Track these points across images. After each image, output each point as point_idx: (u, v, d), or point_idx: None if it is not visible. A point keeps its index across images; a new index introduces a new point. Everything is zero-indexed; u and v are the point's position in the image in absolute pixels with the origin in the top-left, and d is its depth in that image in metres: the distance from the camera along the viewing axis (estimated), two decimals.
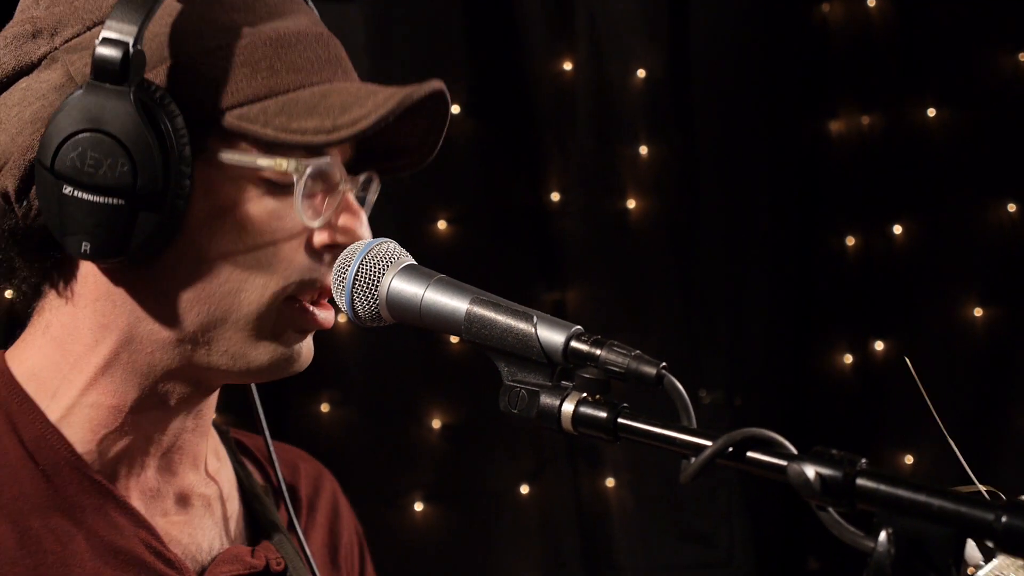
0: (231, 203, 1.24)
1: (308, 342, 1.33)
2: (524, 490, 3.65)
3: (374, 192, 1.38)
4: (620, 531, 3.71)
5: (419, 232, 3.55)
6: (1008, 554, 0.86)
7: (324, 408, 3.51)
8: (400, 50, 3.49)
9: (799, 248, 3.88)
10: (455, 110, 3.60)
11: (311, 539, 1.51)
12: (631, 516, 3.71)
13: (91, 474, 1.28)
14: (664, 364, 1.07)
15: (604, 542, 3.71)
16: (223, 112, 1.22)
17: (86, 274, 1.28)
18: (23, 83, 1.26)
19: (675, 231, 3.80)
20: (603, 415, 1.07)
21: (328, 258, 1.29)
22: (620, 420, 1.06)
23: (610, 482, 3.70)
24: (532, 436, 3.65)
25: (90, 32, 1.23)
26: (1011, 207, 3.67)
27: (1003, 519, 0.86)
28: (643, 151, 3.77)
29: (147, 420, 1.31)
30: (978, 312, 3.68)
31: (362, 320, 1.24)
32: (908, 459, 3.70)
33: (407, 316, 1.21)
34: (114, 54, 1.16)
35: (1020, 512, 0.86)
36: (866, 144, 3.81)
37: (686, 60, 3.81)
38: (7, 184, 1.25)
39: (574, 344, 1.11)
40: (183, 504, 1.37)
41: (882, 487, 0.91)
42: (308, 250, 1.28)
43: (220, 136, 1.23)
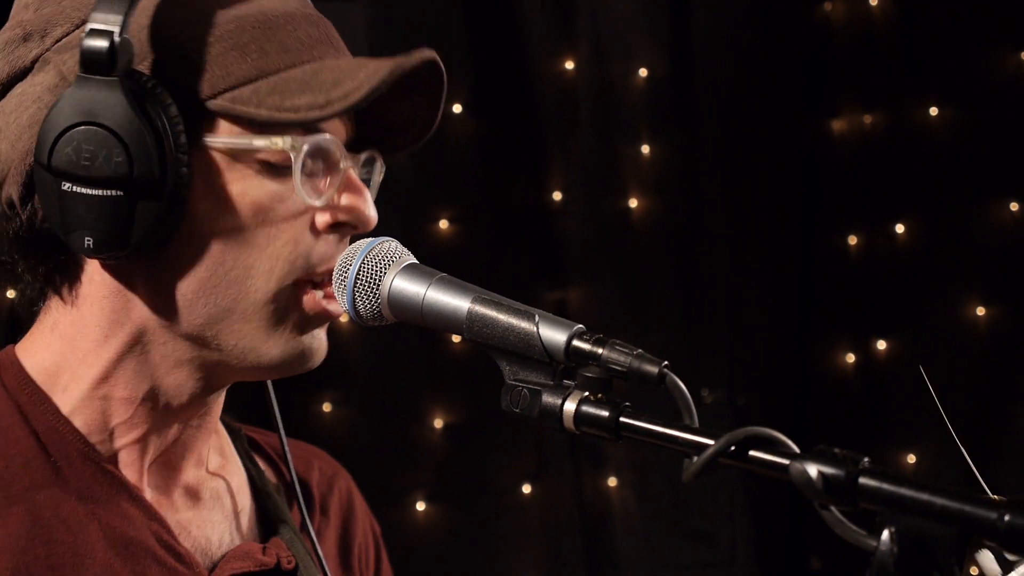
0: (232, 189, 1.24)
1: (322, 337, 1.32)
2: (526, 489, 3.65)
3: (379, 173, 1.38)
4: (622, 530, 3.71)
5: (421, 231, 3.55)
6: (1011, 553, 0.86)
7: (326, 408, 3.51)
8: (401, 50, 3.47)
9: (801, 247, 3.87)
10: (457, 109, 3.60)
11: (323, 538, 1.50)
12: (633, 515, 3.71)
13: (104, 464, 1.28)
14: (666, 363, 1.06)
15: (606, 541, 3.71)
16: (215, 97, 1.22)
17: (92, 273, 1.28)
18: (18, 88, 1.26)
19: (677, 230, 3.80)
20: (605, 414, 1.07)
21: (334, 239, 1.29)
22: (622, 419, 1.06)
23: (612, 481, 3.70)
24: (534, 435, 3.65)
25: (79, 30, 1.22)
26: (1013, 206, 3.66)
27: (1006, 518, 0.86)
28: (645, 150, 3.77)
29: (157, 414, 1.31)
30: (980, 311, 3.67)
31: (364, 319, 1.24)
32: (911, 458, 3.70)
33: (409, 315, 1.21)
34: (101, 44, 1.16)
35: (1023, 511, 0.86)
36: (868, 143, 3.81)
37: (688, 59, 3.81)
38: (11, 192, 1.25)
39: (576, 343, 1.11)
40: (190, 499, 1.37)
41: (885, 486, 0.91)
42: (313, 231, 1.27)
43: (215, 121, 1.23)
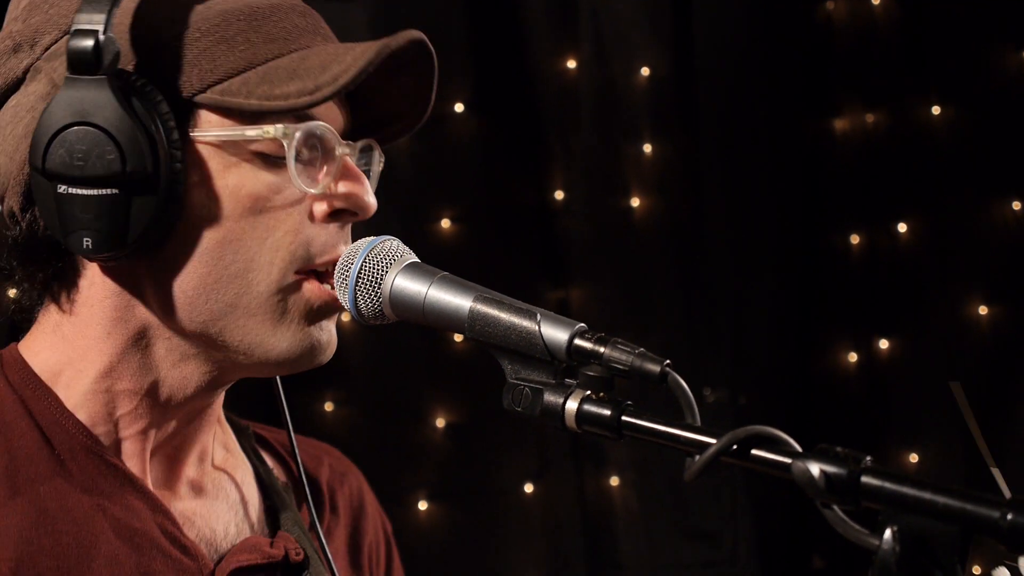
0: (227, 182, 1.24)
1: (331, 330, 1.32)
2: (528, 489, 3.65)
3: (378, 163, 1.38)
4: (624, 530, 3.70)
5: (423, 231, 3.55)
6: (1013, 551, 0.86)
7: (328, 407, 3.51)
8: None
9: (803, 246, 3.87)
10: (458, 108, 3.59)
11: (333, 535, 1.50)
12: (635, 515, 3.71)
13: (108, 457, 1.28)
14: (668, 361, 1.06)
15: (608, 541, 3.71)
16: (205, 90, 1.22)
17: (92, 277, 1.28)
18: (13, 100, 1.26)
19: (679, 229, 3.80)
20: (607, 413, 1.07)
21: (334, 227, 1.29)
22: (624, 418, 1.06)
23: (614, 481, 3.70)
24: (536, 435, 3.64)
25: (66, 36, 1.22)
26: (1016, 205, 3.66)
27: (1008, 516, 0.86)
28: (647, 149, 3.77)
29: (160, 407, 1.31)
30: (983, 310, 3.67)
31: (365, 318, 1.24)
32: (913, 457, 3.70)
33: (411, 314, 1.21)
34: (86, 44, 1.16)
35: None
36: (870, 142, 3.81)
37: (689, 58, 3.80)
38: (12, 203, 1.26)
39: (578, 342, 1.11)
40: (194, 492, 1.37)
41: (887, 485, 0.91)
42: (312, 220, 1.27)
43: (206, 115, 1.24)
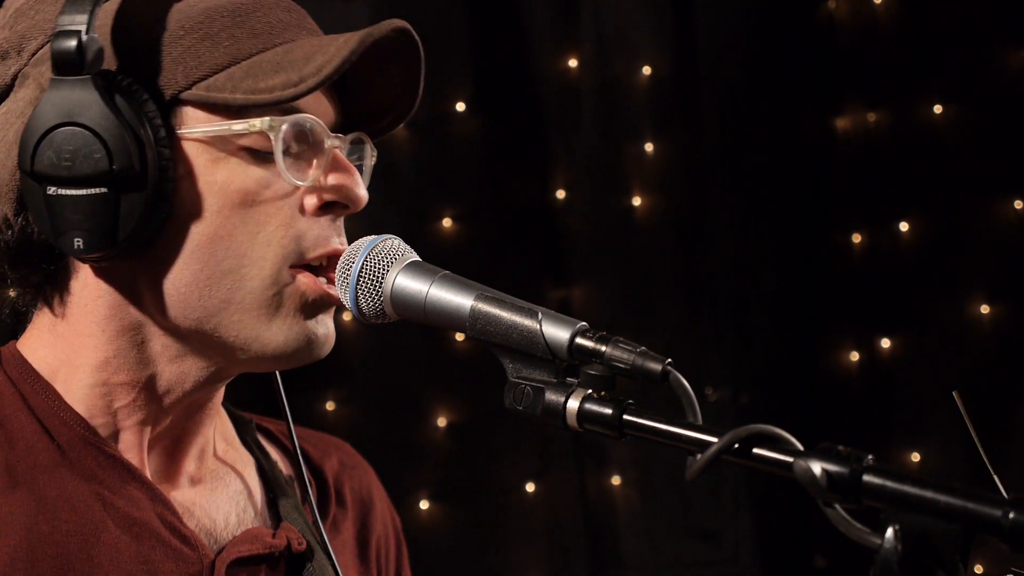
0: (216, 179, 1.24)
1: (328, 324, 1.32)
2: (530, 488, 3.65)
3: (371, 158, 1.38)
4: (626, 529, 3.70)
5: (424, 230, 3.55)
6: (1015, 550, 0.85)
7: (329, 406, 3.51)
8: None
9: (805, 245, 3.87)
10: (460, 107, 3.59)
11: (340, 528, 1.50)
12: (637, 514, 3.71)
13: (106, 449, 1.28)
14: (670, 360, 1.06)
15: (610, 540, 3.71)
16: (190, 87, 1.23)
17: (85, 279, 1.28)
18: (3, 107, 1.27)
19: (681, 228, 3.80)
20: (608, 411, 1.07)
21: (326, 220, 1.29)
22: (626, 416, 1.06)
23: (616, 480, 3.70)
24: (538, 434, 3.64)
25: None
26: (1018, 204, 3.65)
27: (1011, 515, 0.85)
28: (649, 148, 3.76)
29: (160, 400, 1.31)
30: (985, 309, 3.67)
31: (366, 317, 1.24)
32: (915, 456, 3.69)
33: (412, 313, 1.21)
34: (69, 44, 1.17)
35: None
36: (872, 141, 3.80)
37: (692, 57, 3.80)
38: (5, 209, 1.26)
39: (579, 340, 1.10)
40: (195, 483, 1.37)
41: (889, 483, 0.91)
42: (303, 214, 1.27)
43: (193, 111, 1.24)
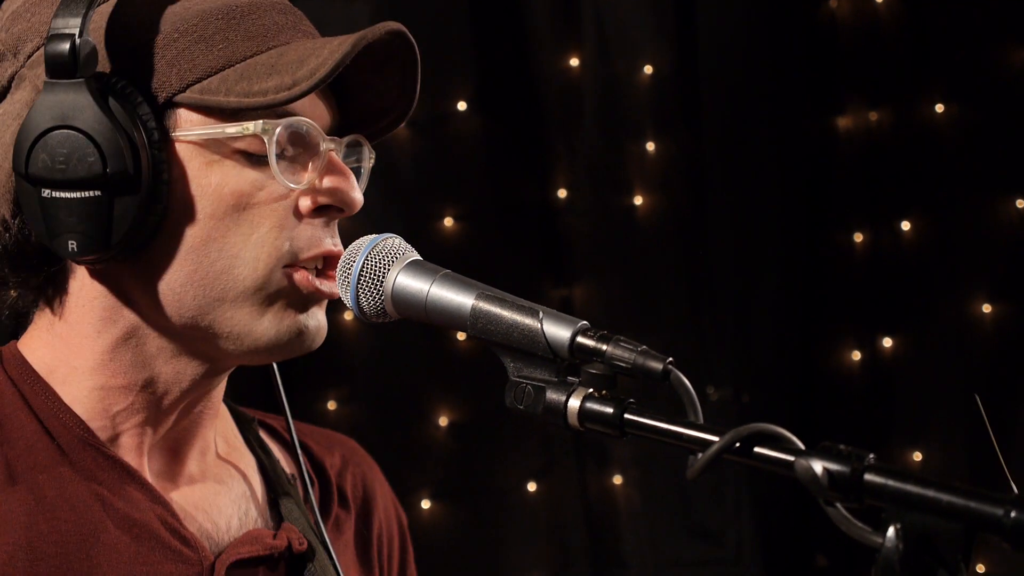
0: (210, 181, 1.24)
1: (318, 317, 1.32)
2: (531, 487, 3.65)
3: (369, 160, 1.38)
4: (627, 528, 3.70)
5: (426, 229, 3.55)
6: (1016, 549, 0.85)
7: (331, 406, 3.51)
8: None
9: (807, 244, 3.86)
10: (461, 107, 3.59)
11: (341, 527, 1.50)
12: (638, 513, 3.71)
13: (106, 450, 1.28)
14: (671, 359, 1.06)
15: (611, 539, 3.71)
16: (184, 90, 1.23)
17: (81, 280, 1.29)
18: (0, 109, 1.27)
19: (682, 227, 3.79)
20: (609, 411, 1.07)
21: (320, 222, 1.29)
22: (627, 415, 1.06)
23: (617, 479, 3.69)
24: (539, 433, 3.64)
25: None
26: (1020, 203, 3.65)
27: (1012, 514, 0.85)
28: (650, 147, 3.76)
29: (158, 401, 1.31)
30: (987, 308, 3.66)
31: (367, 316, 1.24)
32: (917, 456, 3.69)
33: (413, 312, 1.21)
34: (62, 48, 1.17)
35: None
36: (874, 140, 3.80)
37: (693, 56, 3.80)
38: (2, 211, 1.26)
39: (580, 339, 1.10)
40: (195, 484, 1.37)
41: (890, 482, 0.91)
42: (297, 216, 1.27)
43: (187, 114, 1.24)
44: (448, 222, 3.60)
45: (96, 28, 1.22)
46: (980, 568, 3.47)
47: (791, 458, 0.95)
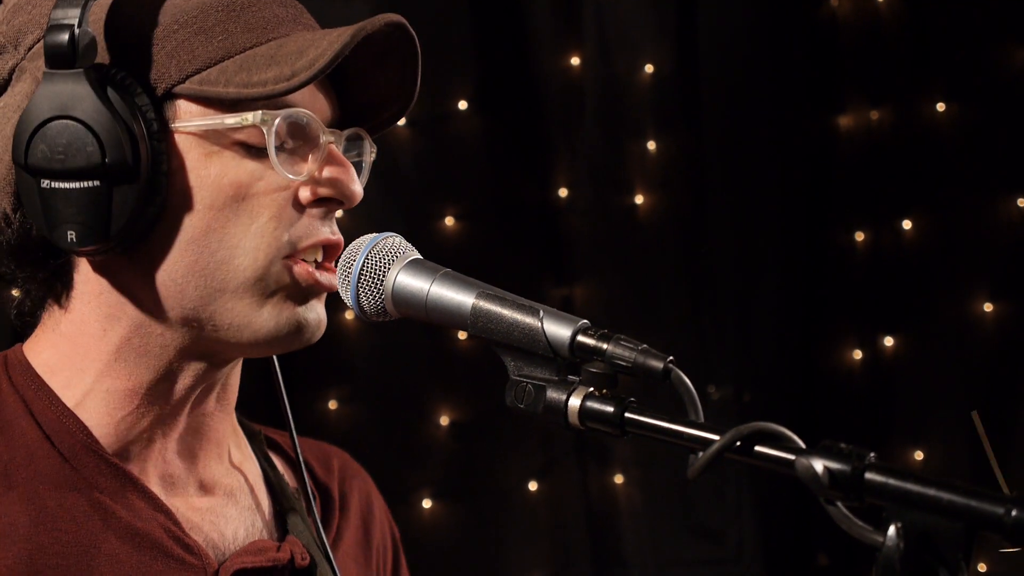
0: (210, 172, 1.24)
1: (317, 309, 1.32)
2: (532, 487, 3.65)
3: (369, 153, 1.38)
4: (629, 527, 3.70)
5: (427, 229, 3.55)
6: (1017, 547, 0.85)
7: (332, 405, 3.51)
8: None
9: (808, 243, 3.86)
10: (462, 106, 3.59)
11: (343, 538, 1.50)
12: (640, 512, 3.70)
13: (108, 457, 1.28)
14: (671, 358, 1.06)
15: (612, 538, 3.71)
16: (184, 81, 1.23)
17: (85, 274, 1.29)
18: (1, 102, 1.27)
19: (683, 226, 3.79)
20: (610, 410, 1.07)
21: (318, 213, 1.29)
22: (627, 414, 1.06)
23: (619, 479, 3.69)
24: (540, 433, 3.64)
25: None
26: (1021, 202, 3.65)
27: (1013, 513, 0.85)
28: (651, 146, 3.76)
29: (164, 402, 1.31)
30: (988, 307, 3.66)
31: (368, 315, 1.24)
32: (918, 455, 3.69)
33: (413, 311, 1.21)
34: (61, 38, 1.17)
35: None
36: (875, 139, 3.80)
37: (694, 55, 3.80)
38: (3, 204, 1.27)
39: (580, 338, 1.10)
40: (205, 492, 1.37)
41: (891, 481, 0.91)
42: (296, 207, 1.27)
43: (186, 105, 1.24)
44: (449, 221, 3.60)
45: (96, 20, 1.22)
46: (981, 567, 3.47)
47: (792, 457, 0.95)
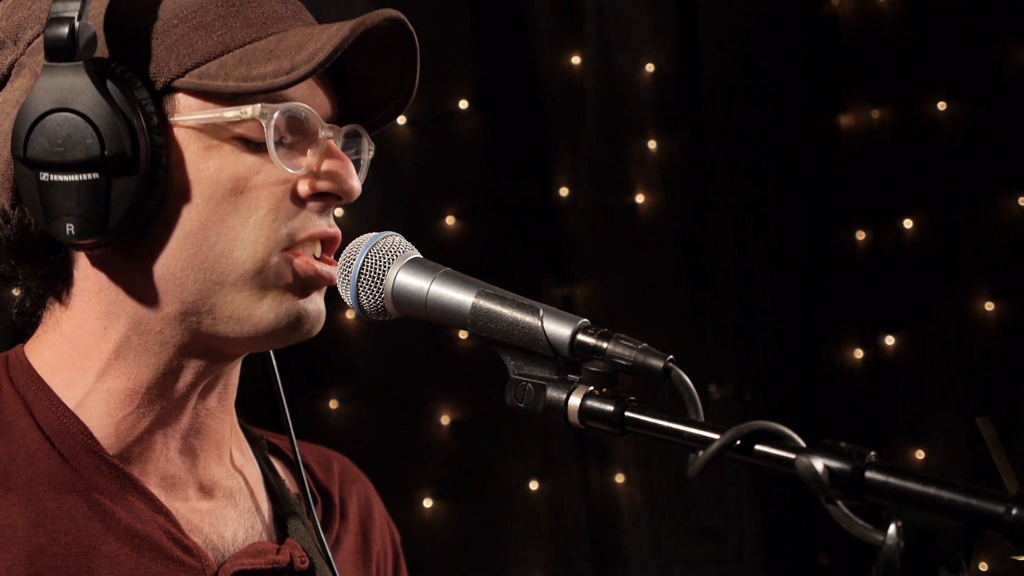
0: (208, 165, 1.24)
1: (317, 302, 1.32)
2: (533, 486, 3.65)
3: (368, 152, 1.38)
4: (630, 527, 3.70)
5: (427, 228, 3.55)
6: (1018, 546, 0.85)
7: (332, 404, 3.51)
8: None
9: (809, 242, 3.86)
10: (463, 105, 3.59)
11: (343, 543, 1.50)
12: (641, 512, 3.70)
13: (108, 458, 1.28)
14: (671, 357, 1.06)
15: (613, 538, 3.70)
16: (183, 75, 1.23)
17: (84, 269, 1.29)
18: (0, 97, 1.27)
19: (684, 226, 3.79)
20: (610, 408, 1.07)
21: (316, 206, 1.29)
22: (627, 413, 1.06)
23: (620, 478, 3.69)
24: (541, 432, 3.64)
25: None
26: (1022, 201, 3.65)
27: (1013, 511, 0.85)
28: (652, 145, 3.76)
29: (165, 401, 1.31)
30: (989, 306, 3.66)
31: (368, 314, 1.24)
32: (919, 454, 3.69)
33: (413, 310, 1.21)
34: (61, 31, 1.18)
35: None
36: (876, 138, 3.80)
37: (695, 54, 3.80)
38: (2, 200, 1.27)
39: (580, 337, 1.10)
40: (206, 494, 1.37)
41: (891, 480, 0.91)
42: (294, 201, 1.28)
43: (185, 99, 1.25)
44: (449, 221, 3.60)
45: (95, 15, 1.23)
46: (983, 566, 3.47)
47: (792, 456, 0.95)
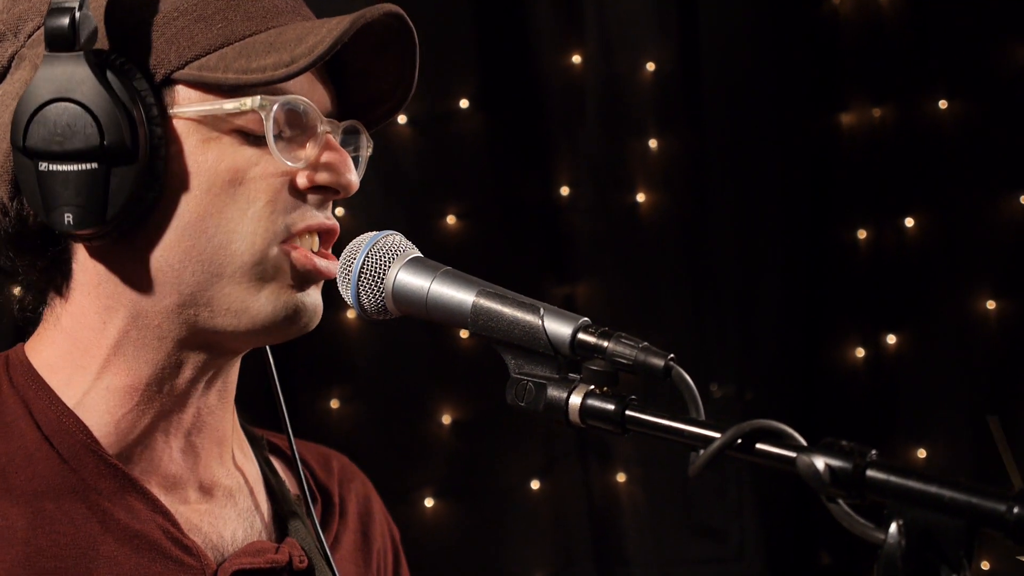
0: (207, 157, 1.24)
1: (314, 296, 1.32)
2: (535, 486, 3.65)
3: (366, 148, 1.38)
4: (631, 526, 3.70)
5: (428, 227, 3.55)
6: (1020, 545, 0.85)
7: (334, 404, 3.51)
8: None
9: (810, 241, 3.86)
10: (464, 104, 3.59)
11: (342, 542, 1.50)
12: (642, 511, 3.70)
13: (108, 458, 1.28)
14: (672, 356, 1.06)
15: (615, 537, 3.71)
16: (183, 67, 1.24)
17: (83, 262, 1.29)
18: (0, 89, 1.27)
19: (685, 225, 3.79)
20: (611, 407, 1.06)
21: (315, 199, 1.29)
22: (628, 412, 1.06)
23: (621, 477, 3.69)
24: (542, 431, 3.64)
25: None
26: (1023, 199, 3.65)
27: (1015, 510, 0.85)
28: (653, 144, 3.76)
29: (164, 398, 1.31)
30: (990, 305, 3.66)
31: (368, 313, 1.24)
32: (921, 453, 3.69)
33: (413, 309, 1.21)
34: (62, 21, 1.18)
35: None
36: (877, 136, 3.80)
37: (696, 53, 3.80)
38: (1, 192, 1.26)
39: (581, 336, 1.10)
40: (205, 493, 1.36)
41: (893, 478, 0.90)
42: (293, 193, 1.28)
43: (185, 91, 1.25)
44: (450, 220, 3.60)
45: (96, 7, 1.23)
46: (985, 565, 3.47)
47: (793, 454, 0.95)
